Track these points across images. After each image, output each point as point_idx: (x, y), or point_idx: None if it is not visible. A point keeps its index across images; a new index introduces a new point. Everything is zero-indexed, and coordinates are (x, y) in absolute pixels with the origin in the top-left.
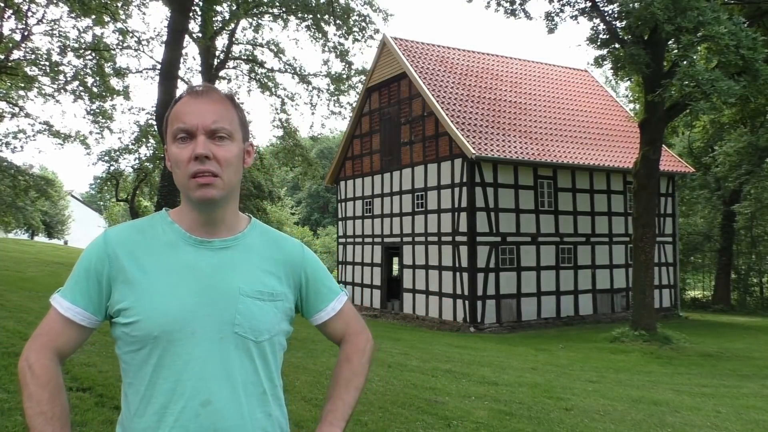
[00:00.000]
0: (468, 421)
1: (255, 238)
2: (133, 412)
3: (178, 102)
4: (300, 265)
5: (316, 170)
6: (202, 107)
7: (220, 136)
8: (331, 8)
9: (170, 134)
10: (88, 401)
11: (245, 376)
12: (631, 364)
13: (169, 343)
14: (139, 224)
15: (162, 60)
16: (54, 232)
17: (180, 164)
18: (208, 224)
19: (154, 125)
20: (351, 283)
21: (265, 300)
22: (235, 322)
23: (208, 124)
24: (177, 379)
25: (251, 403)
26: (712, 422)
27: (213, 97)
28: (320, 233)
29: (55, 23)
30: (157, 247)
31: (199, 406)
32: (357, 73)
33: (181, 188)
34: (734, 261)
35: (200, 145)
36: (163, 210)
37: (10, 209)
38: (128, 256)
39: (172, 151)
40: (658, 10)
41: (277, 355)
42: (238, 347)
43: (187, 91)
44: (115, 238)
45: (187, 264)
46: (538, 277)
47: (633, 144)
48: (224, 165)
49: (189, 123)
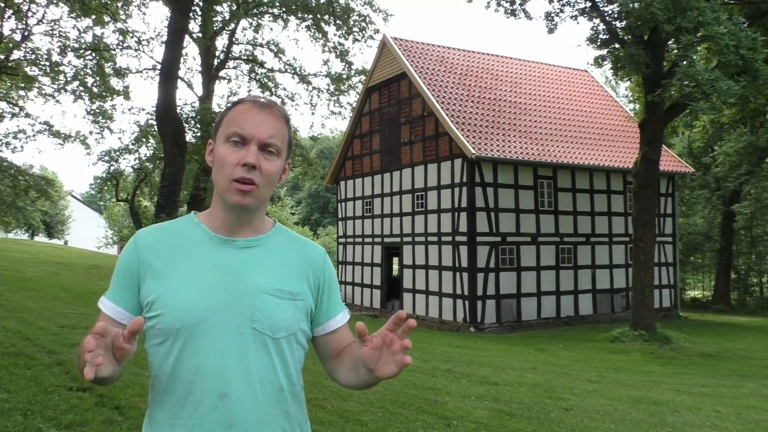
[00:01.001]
0: (468, 421)
1: (278, 239)
2: (156, 403)
3: (239, 106)
4: (321, 269)
5: (316, 170)
6: (263, 119)
7: (270, 150)
8: (331, 8)
9: (223, 134)
10: (88, 401)
11: (262, 372)
12: (631, 364)
13: (190, 336)
14: (167, 225)
15: (162, 60)
16: (54, 232)
17: (226, 166)
18: (234, 224)
19: (154, 125)
20: (351, 283)
21: (284, 298)
22: (254, 318)
23: (264, 138)
24: (196, 372)
25: (267, 398)
26: (712, 422)
27: (273, 112)
28: (320, 233)
29: (55, 23)
30: (184, 245)
31: (216, 399)
32: (357, 73)
33: (219, 188)
34: (734, 261)
35: (251, 154)
36: (192, 213)
37: (10, 209)
38: (155, 254)
39: (220, 151)
40: (658, 10)
41: (296, 354)
42: (256, 342)
43: (251, 98)
44: (144, 239)
45: (211, 261)
46: (538, 277)
47: (633, 144)
48: (266, 178)
49: (247, 131)
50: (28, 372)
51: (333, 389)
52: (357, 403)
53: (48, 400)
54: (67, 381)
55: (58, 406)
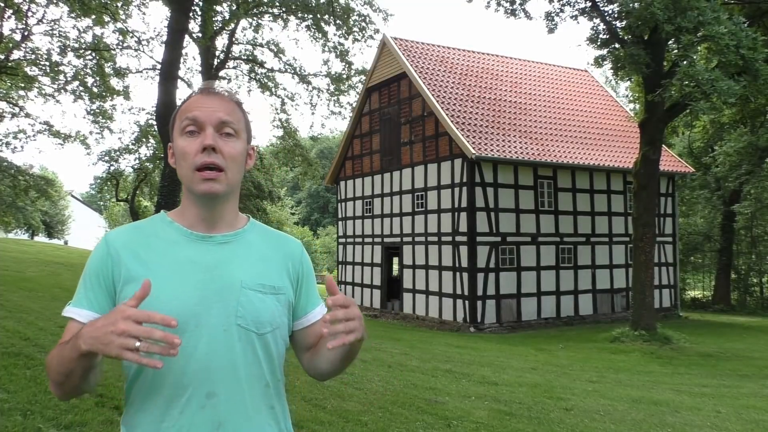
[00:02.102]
0: (468, 421)
1: (255, 234)
2: (137, 407)
3: (189, 98)
4: (299, 262)
5: (316, 170)
6: (213, 103)
7: (228, 132)
8: (331, 8)
9: (178, 128)
10: (88, 401)
11: (249, 369)
12: (631, 364)
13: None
14: (139, 225)
15: (162, 60)
16: (54, 232)
17: (186, 156)
18: (208, 220)
19: (154, 125)
20: (351, 283)
21: (267, 293)
22: (238, 314)
23: (219, 117)
24: (182, 372)
25: (255, 396)
26: (712, 422)
27: (224, 96)
28: (320, 233)
29: (55, 23)
30: (159, 245)
31: (204, 398)
32: (357, 73)
33: (185, 181)
34: (734, 261)
35: (209, 136)
36: (161, 212)
37: (10, 209)
38: (130, 255)
39: (178, 144)
40: (658, 10)
41: (280, 349)
42: (241, 339)
43: (199, 89)
44: (115, 239)
45: (190, 259)
46: (538, 277)
47: (633, 144)
48: (229, 160)
49: (199, 116)
50: (27, 372)
51: (333, 389)
52: (357, 403)
53: (48, 400)
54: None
55: (58, 406)
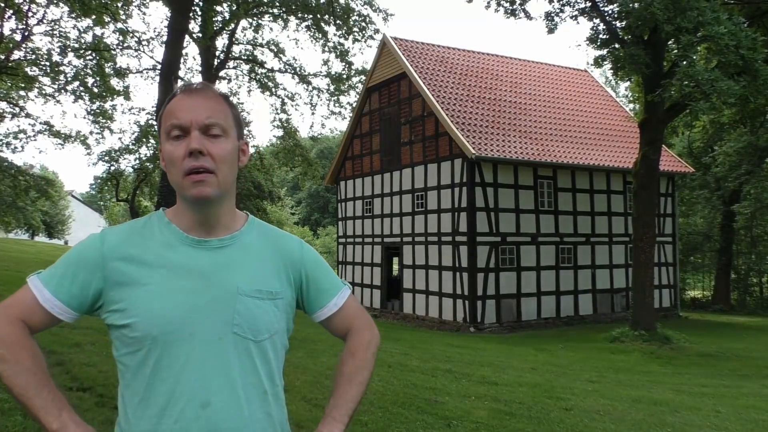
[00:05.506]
0: (468, 421)
1: (252, 236)
2: (131, 415)
3: (172, 99)
4: (299, 262)
5: (316, 170)
6: (196, 103)
7: (214, 133)
8: (331, 8)
9: (163, 132)
10: (88, 401)
11: (245, 377)
12: (631, 364)
13: (168, 345)
14: (135, 225)
15: (162, 60)
16: (54, 232)
17: (174, 162)
18: (204, 224)
19: (154, 125)
20: (351, 283)
21: (264, 299)
22: (234, 322)
23: (202, 120)
24: (176, 381)
25: (252, 403)
26: (712, 422)
27: (207, 94)
28: (320, 233)
29: (56, 23)
30: (155, 248)
31: (198, 408)
32: (357, 73)
33: (176, 187)
34: (734, 261)
35: (194, 140)
36: (160, 210)
37: (10, 209)
38: (125, 258)
39: (165, 149)
40: (658, 10)
41: (279, 355)
42: (237, 347)
43: (181, 88)
44: (111, 240)
45: (185, 264)
46: (538, 277)
47: (633, 144)
48: (219, 161)
49: (182, 119)
50: None
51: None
52: None
53: None
54: (68, 381)
55: None
